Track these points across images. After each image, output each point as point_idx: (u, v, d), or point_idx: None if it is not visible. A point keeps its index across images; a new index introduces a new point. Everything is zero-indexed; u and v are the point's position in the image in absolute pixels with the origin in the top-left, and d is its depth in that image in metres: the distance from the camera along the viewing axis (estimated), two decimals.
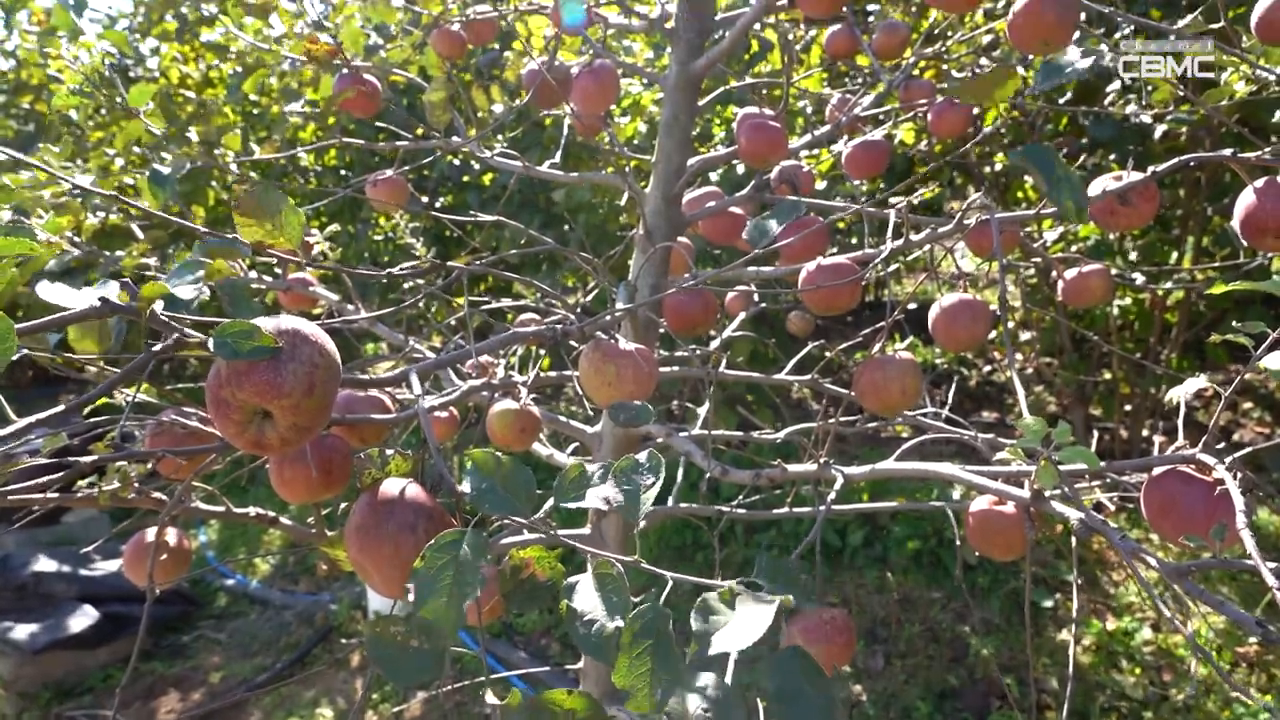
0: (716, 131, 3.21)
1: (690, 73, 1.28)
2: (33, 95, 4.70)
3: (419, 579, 0.53)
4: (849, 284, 1.09)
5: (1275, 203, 0.91)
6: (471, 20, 1.62)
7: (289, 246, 0.66)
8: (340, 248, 3.41)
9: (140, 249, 1.67)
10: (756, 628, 0.54)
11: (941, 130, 1.50)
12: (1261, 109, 2.31)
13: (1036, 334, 4.03)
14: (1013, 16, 0.98)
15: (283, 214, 0.63)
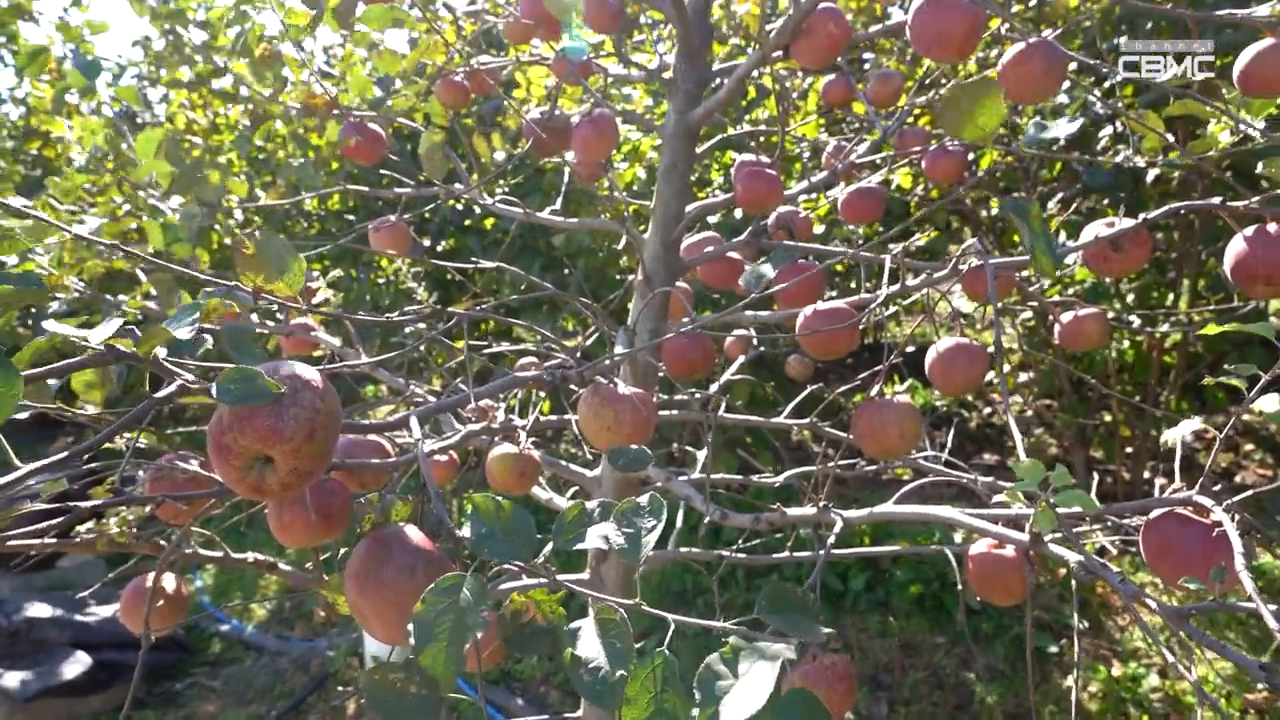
0: (714, 176, 3.26)
1: (688, 122, 1.31)
2: (41, 141, 4.77)
3: (418, 623, 0.53)
4: (846, 329, 1.10)
5: (1265, 250, 0.92)
6: (475, 70, 1.65)
7: (289, 292, 0.67)
8: (342, 292, 3.43)
9: (144, 290, 1.69)
10: (762, 690, 0.54)
11: (936, 176, 1.52)
12: (1249, 157, 2.35)
13: (1035, 376, 4.04)
14: (1002, 67, 1.01)
15: (284, 260, 0.64)
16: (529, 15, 1.34)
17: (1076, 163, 2.60)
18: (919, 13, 0.95)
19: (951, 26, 0.92)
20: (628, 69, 1.56)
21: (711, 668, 0.58)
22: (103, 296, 1.62)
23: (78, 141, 1.57)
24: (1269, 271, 0.92)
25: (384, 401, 1.55)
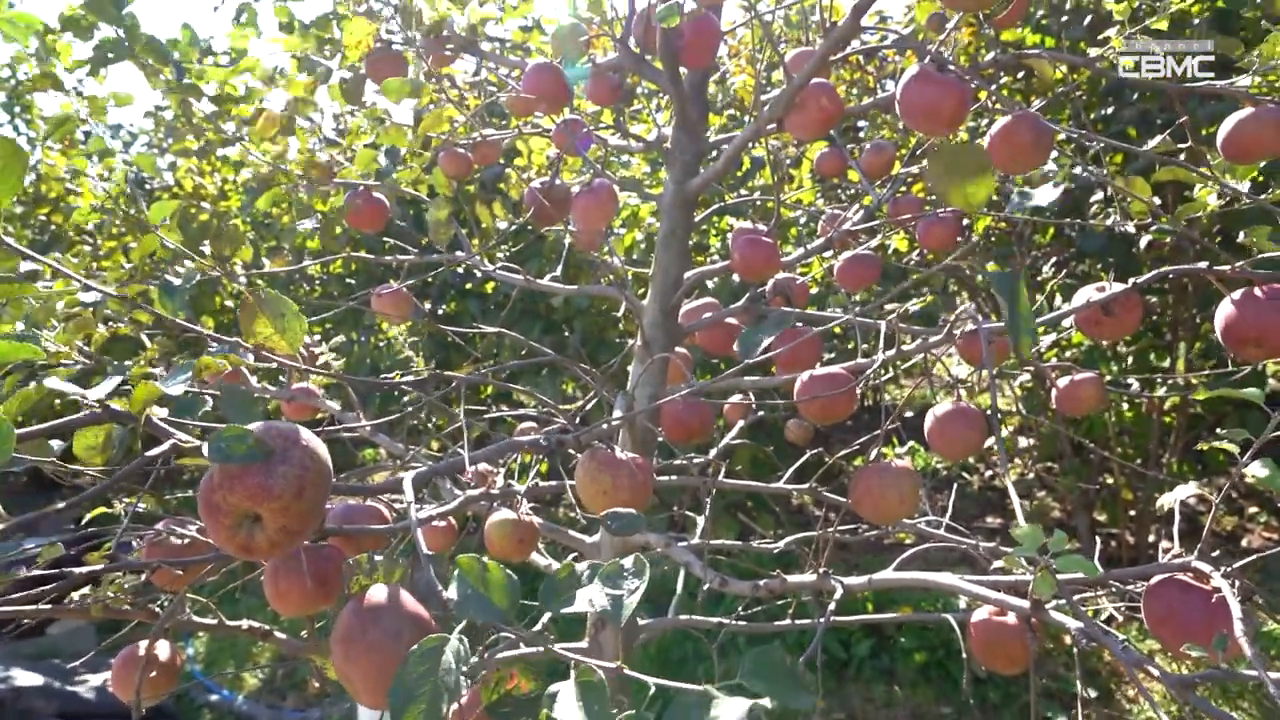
0: (713, 242, 3.31)
1: (686, 191, 1.34)
2: (50, 207, 4.85)
3: (398, 687, 0.52)
4: (844, 394, 1.11)
5: (1254, 314, 0.94)
6: (478, 142, 1.70)
7: (290, 350, 0.68)
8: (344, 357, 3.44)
9: (149, 356, 1.70)
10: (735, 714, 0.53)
11: (930, 243, 1.55)
12: (1238, 220, 2.39)
13: (1036, 440, 4.04)
14: (990, 139, 1.04)
15: (285, 318, 0.65)
16: (531, 91, 1.38)
17: (1069, 228, 2.64)
18: (908, 88, 0.98)
19: (940, 102, 0.95)
20: (626, 140, 1.60)
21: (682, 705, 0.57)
22: (108, 361, 1.63)
23: (100, 204, 1.61)
24: (1259, 335, 0.93)
25: (382, 466, 1.55)
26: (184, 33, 2.01)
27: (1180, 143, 1.12)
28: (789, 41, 2.70)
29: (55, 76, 1.73)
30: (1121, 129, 2.70)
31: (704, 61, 1.24)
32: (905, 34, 1.54)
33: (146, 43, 1.69)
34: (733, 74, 3.38)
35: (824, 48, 1.00)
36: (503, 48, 2.78)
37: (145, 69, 1.79)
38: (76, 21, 1.75)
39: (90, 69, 1.75)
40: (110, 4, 1.70)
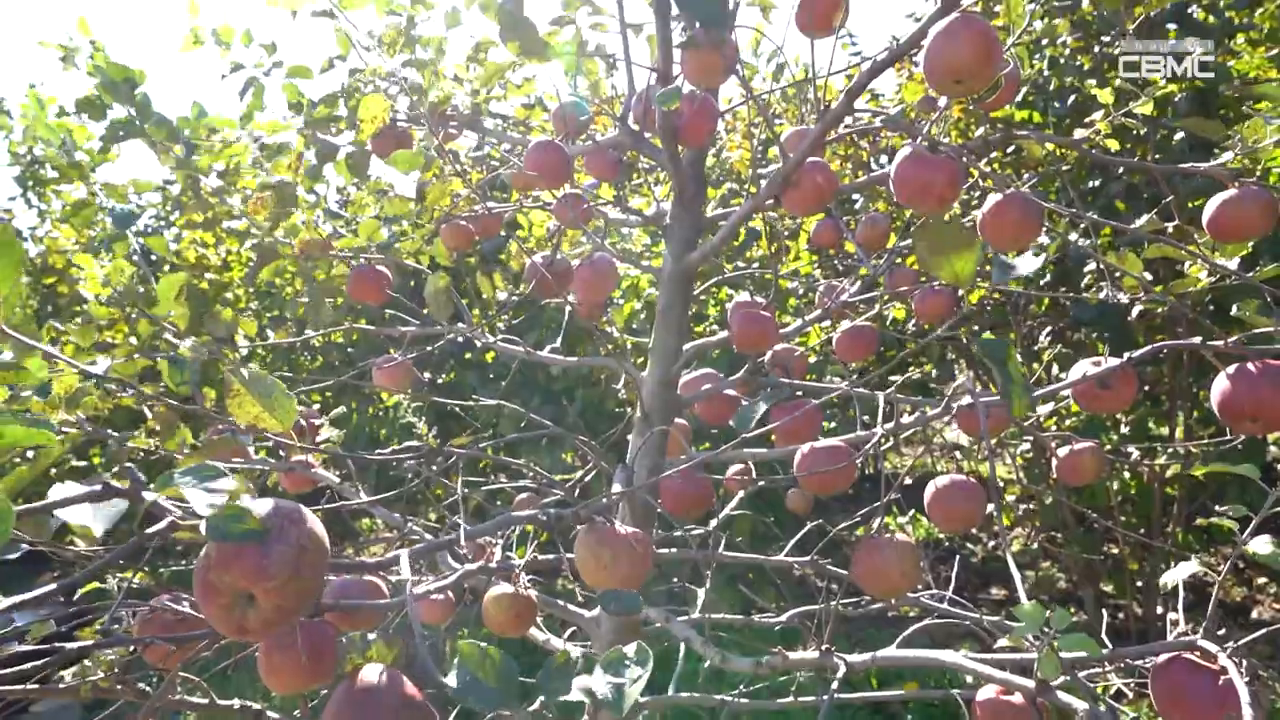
0: (711, 311, 3.34)
1: (684, 265, 1.36)
2: (55, 277, 4.91)
3: None
4: (843, 468, 1.11)
5: (1248, 389, 0.94)
6: (480, 215, 1.73)
7: (282, 429, 0.68)
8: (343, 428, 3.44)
9: (149, 427, 1.70)
10: None
11: (926, 314, 1.57)
12: (1229, 293, 2.42)
13: (1037, 509, 4.01)
14: (982, 218, 1.06)
15: (274, 397, 0.66)
16: (533, 167, 1.41)
17: (1062, 298, 2.67)
18: (901, 167, 1.01)
19: (932, 180, 0.98)
20: (626, 214, 1.64)
21: None
22: (108, 434, 1.64)
23: (107, 280, 1.63)
24: (1255, 410, 0.94)
25: (380, 539, 1.54)
26: (194, 110, 2.06)
27: (1167, 220, 1.14)
28: (785, 117, 2.78)
29: (82, 167, 1.78)
30: (1110, 201, 2.75)
31: (702, 141, 1.28)
32: (897, 112, 1.59)
33: (157, 121, 1.74)
34: (730, 148, 3.46)
35: (819, 129, 1.04)
36: (505, 124, 2.86)
37: (155, 146, 1.83)
38: (91, 103, 1.80)
39: (102, 146, 1.79)
40: (124, 85, 1.75)
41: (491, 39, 2.00)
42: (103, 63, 1.78)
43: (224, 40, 1.84)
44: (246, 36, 1.88)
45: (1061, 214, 1.13)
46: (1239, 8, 2.53)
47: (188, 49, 1.84)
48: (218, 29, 1.85)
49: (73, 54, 1.90)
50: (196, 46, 1.84)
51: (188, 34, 1.82)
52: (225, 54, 1.86)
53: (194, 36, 1.82)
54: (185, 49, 1.85)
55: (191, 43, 1.83)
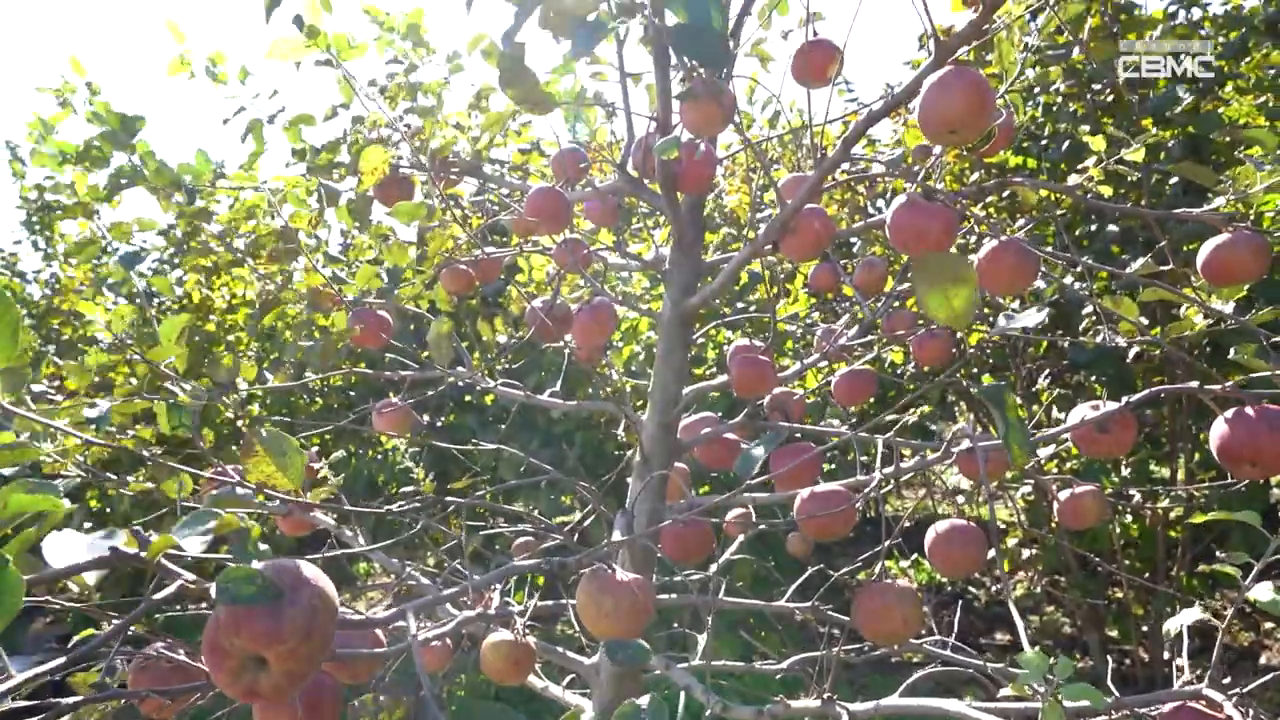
0: (710, 354, 3.35)
1: (684, 310, 1.37)
2: (60, 318, 4.93)
3: None
4: (843, 513, 1.11)
5: (1247, 434, 0.95)
6: (480, 260, 1.74)
7: (292, 486, 0.68)
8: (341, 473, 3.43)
9: (148, 473, 1.70)
10: None
11: (924, 358, 1.58)
12: (1226, 336, 2.43)
13: (1040, 552, 3.97)
14: (978, 264, 1.07)
15: (287, 455, 0.66)
16: (533, 213, 1.43)
17: (1059, 341, 2.68)
18: (897, 215, 1.02)
19: (928, 227, 0.99)
20: (625, 259, 1.65)
21: None
22: (106, 477, 1.63)
23: (108, 325, 1.64)
24: (1253, 454, 0.94)
25: (376, 586, 1.52)
26: (198, 158, 2.08)
27: (1162, 264, 1.16)
28: (782, 162, 2.82)
29: (86, 205, 1.79)
30: (1105, 245, 2.78)
31: (701, 188, 1.29)
32: (893, 158, 1.61)
33: (159, 169, 1.75)
34: (729, 191, 3.49)
35: (815, 177, 1.05)
36: (504, 169, 2.89)
37: (158, 193, 1.85)
38: (89, 151, 1.81)
39: (105, 195, 1.80)
40: (123, 134, 1.76)
41: (492, 85, 2.03)
42: (102, 110, 1.78)
43: (218, 69, 1.83)
44: (243, 73, 1.87)
45: (1057, 260, 1.14)
46: (1226, 57, 2.58)
47: (174, 73, 1.82)
48: (211, 56, 1.84)
49: (68, 95, 1.90)
50: (184, 69, 1.82)
51: (174, 58, 1.81)
52: (220, 86, 1.85)
53: (180, 60, 1.81)
54: (172, 72, 1.83)
55: (178, 66, 1.81)
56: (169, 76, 1.78)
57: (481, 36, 1.67)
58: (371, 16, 1.76)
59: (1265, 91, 2.68)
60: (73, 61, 1.80)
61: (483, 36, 1.67)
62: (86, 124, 1.79)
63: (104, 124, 1.72)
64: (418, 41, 1.66)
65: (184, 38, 1.72)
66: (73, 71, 1.80)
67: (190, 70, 1.77)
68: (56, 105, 1.90)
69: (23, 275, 4.98)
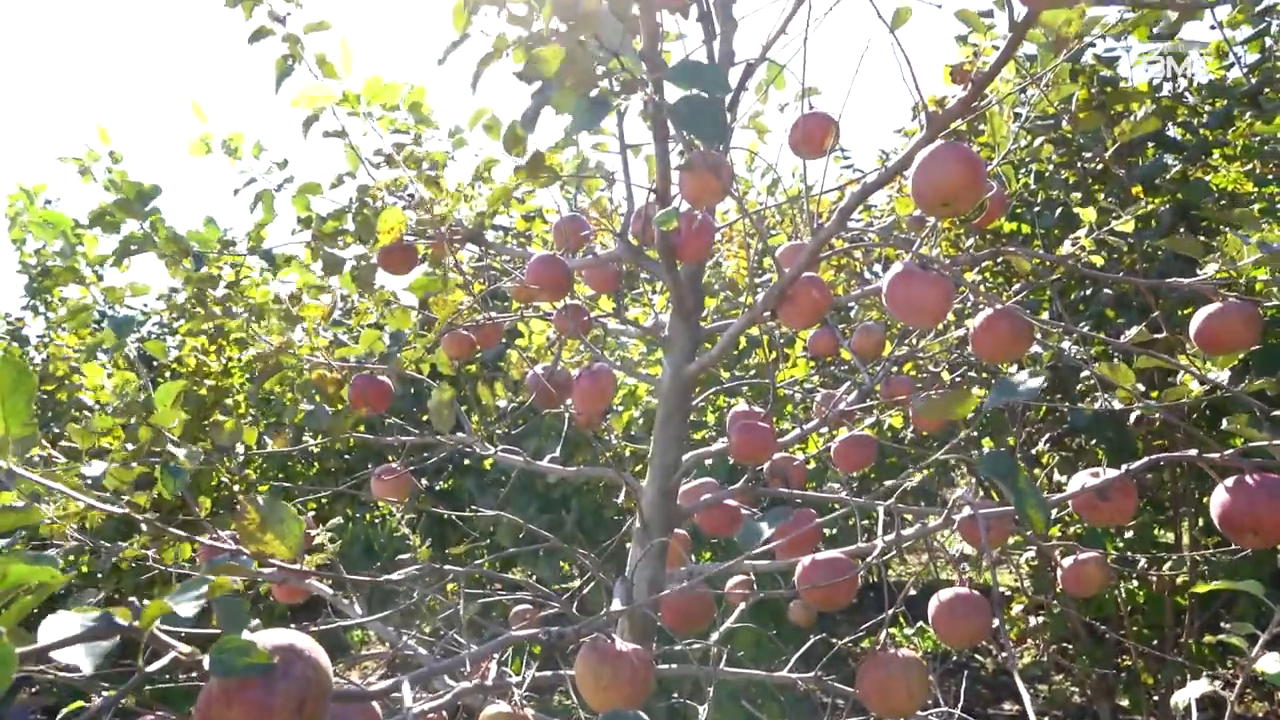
0: (709, 418, 3.34)
1: (683, 376, 1.38)
2: (55, 385, 4.93)
3: None
4: (845, 582, 1.10)
5: (1247, 502, 0.94)
6: (481, 325, 1.76)
7: (290, 555, 0.68)
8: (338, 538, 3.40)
9: (142, 541, 1.68)
10: None
11: (923, 425, 1.58)
12: (1225, 403, 2.44)
13: (1047, 620, 3.91)
14: (974, 331, 1.09)
15: (285, 525, 0.66)
16: (534, 281, 1.45)
17: (1058, 406, 2.69)
18: (893, 285, 1.04)
19: (924, 297, 1.00)
20: (625, 325, 1.67)
21: None
22: (100, 543, 1.62)
23: (113, 390, 1.64)
24: (1254, 524, 0.94)
25: (372, 655, 1.50)
26: (206, 225, 2.11)
27: (1155, 332, 1.17)
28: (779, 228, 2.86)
29: (77, 270, 1.81)
30: (1100, 309, 2.80)
31: (699, 257, 1.31)
32: (888, 225, 1.64)
33: (170, 237, 1.78)
34: (727, 256, 3.54)
35: (812, 246, 1.07)
36: (506, 235, 2.93)
37: (166, 259, 1.87)
38: (102, 217, 1.84)
39: (114, 260, 1.83)
40: (137, 202, 1.79)
41: (495, 158, 2.08)
42: (119, 178, 1.82)
43: (234, 148, 1.88)
44: (257, 148, 1.92)
45: (1053, 329, 1.16)
46: (1211, 126, 2.64)
47: (196, 154, 1.88)
48: (228, 137, 1.90)
49: (91, 165, 1.94)
50: (205, 152, 1.88)
51: (196, 140, 1.86)
52: (234, 163, 1.90)
53: (203, 143, 1.86)
54: (193, 153, 1.88)
55: (200, 149, 1.87)
56: (191, 156, 1.83)
57: (484, 111, 1.71)
58: (350, 106, 1.80)
59: (1253, 158, 2.73)
60: (100, 131, 1.84)
61: (485, 111, 1.71)
62: (104, 191, 1.83)
63: (119, 191, 1.75)
64: (420, 118, 1.70)
65: (206, 118, 1.77)
66: (99, 141, 1.84)
67: (209, 149, 1.82)
68: (77, 173, 1.94)
69: (25, 340, 5.01)
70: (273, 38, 1.66)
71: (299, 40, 1.69)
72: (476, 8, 1.18)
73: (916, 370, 2.27)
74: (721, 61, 1.33)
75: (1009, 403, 2.97)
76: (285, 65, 1.72)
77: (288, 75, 1.74)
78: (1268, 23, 2.58)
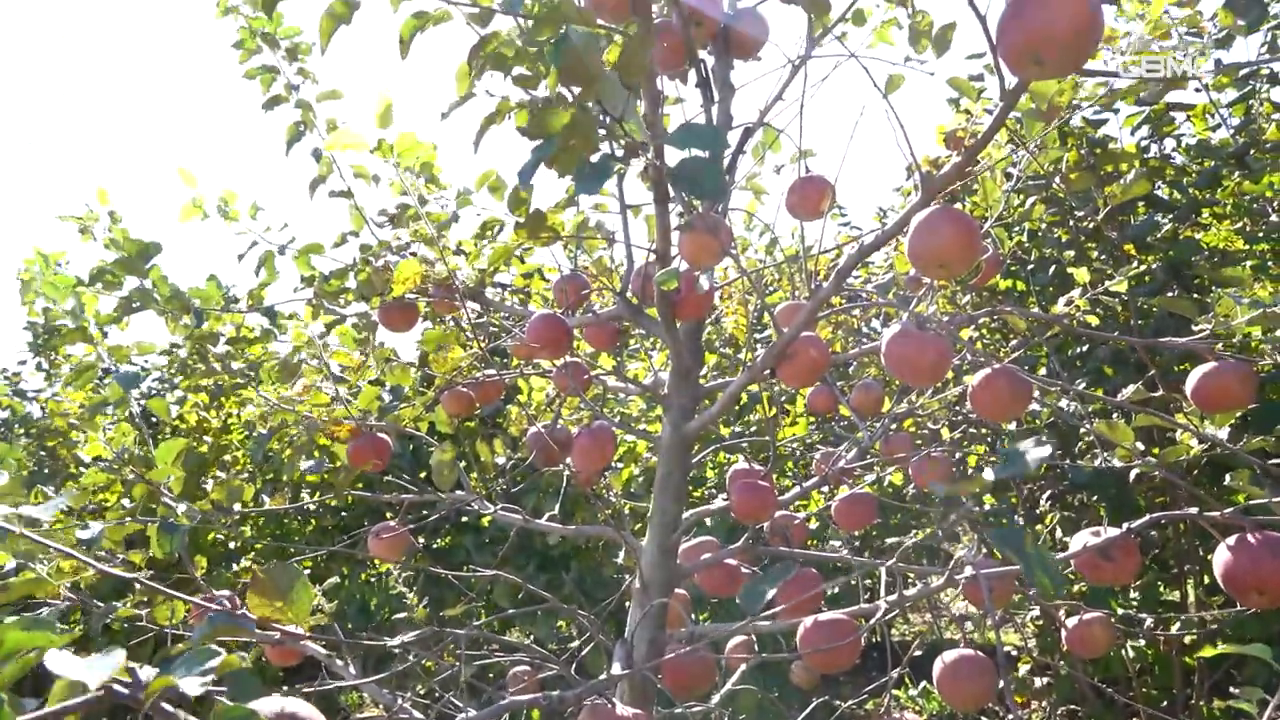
0: (709, 475, 3.33)
1: (683, 435, 1.38)
2: (56, 440, 4.91)
3: None
4: (848, 645, 1.09)
5: (1250, 561, 0.94)
6: (480, 381, 1.77)
7: (296, 622, 0.67)
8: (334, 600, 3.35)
9: (136, 600, 1.66)
10: None
11: (924, 483, 1.58)
12: (1226, 459, 2.43)
13: (1053, 680, 3.84)
14: (973, 390, 1.09)
15: (293, 590, 0.66)
16: (534, 339, 1.46)
17: (1058, 464, 2.68)
18: (891, 344, 1.05)
19: (922, 356, 1.01)
20: (624, 383, 1.67)
21: None
22: (94, 603, 1.60)
23: (107, 442, 1.64)
24: (1258, 583, 0.93)
25: (367, 718, 1.47)
26: (209, 284, 2.12)
27: (1152, 391, 1.18)
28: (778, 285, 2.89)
29: (85, 330, 1.83)
30: (1098, 365, 2.81)
31: (699, 315, 1.33)
32: (885, 282, 1.66)
33: (172, 295, 1.79)
34: (726, 314, 3.56)
35: (810, 306, 1.08)
36: (505, 292, 2.95)
37: (167, 316, 1.88)
38: (103, 274, 1.84)
39: (116, 317, 1.84)
40: (138, 259, 1.80)
41: (498, 218, 2.11)
42: (120, 237, 1.83)
43: (229, 208, 1.89)
44: (254, 209, 1.94)
45: (1051, 386, 1.16)
46: (1200, 187, 2.69)
47: (187, 217, 1.89)
48: (223, 196, 1.91)
49: (91, 225, 1.95)
50: (197, 214, 1.88)
51: (187, 204, 1.86)
52: (231, 223, 1.91)
53: (195, 206, 1.87)
54: (185, 218, 1.89)
55: (191, 210, 1.88)
56: (182, 221, 1.85)
57: (490, 173, 1.75)
58: (384, 155, 1.84)
59: (1243, 216, 2.77)
60: (99, 193, 1.86)
61: (491, 173, 1.75)
62: (104, 250, 1.84)
63: (120, 249, 1.77)
64: (430, 179, 1.74)
65: (195, 182, 1.79)
66: (98, 202, 1.86)
67: (203, 213, 1.84)
68: (77, 232, 1.96)
69: (24, 394, 5.01)
70: (286, 105, 1.70)
71: (311, 107, 1.73)
72: (481, 71, 1.22)
73: (916, 427, 2.27)
74: (720, 126, 1.36)
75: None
76: (296, 131, 1.76)
77: (298, 140, 1.78)
78: (1251, 86, 2.65)
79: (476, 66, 1.19)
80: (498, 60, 1.18)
